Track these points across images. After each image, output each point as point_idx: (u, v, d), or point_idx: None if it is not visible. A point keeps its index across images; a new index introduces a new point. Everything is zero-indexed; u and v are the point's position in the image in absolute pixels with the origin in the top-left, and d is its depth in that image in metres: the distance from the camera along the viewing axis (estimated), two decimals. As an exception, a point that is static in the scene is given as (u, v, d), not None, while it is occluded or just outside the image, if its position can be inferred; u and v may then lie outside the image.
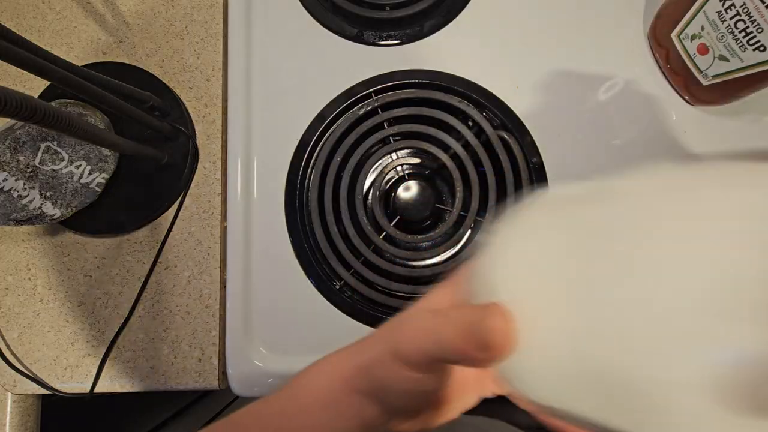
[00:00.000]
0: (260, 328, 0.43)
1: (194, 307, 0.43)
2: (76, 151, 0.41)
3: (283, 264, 0.44)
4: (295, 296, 0.44)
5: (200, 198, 0.45)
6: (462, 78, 0.46)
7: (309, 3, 0.47)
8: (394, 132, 0.45)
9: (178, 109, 0.45)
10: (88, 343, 0.43)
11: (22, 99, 0.24)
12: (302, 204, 0.45)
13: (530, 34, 0.46)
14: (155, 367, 0.42)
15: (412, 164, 0.47)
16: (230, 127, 0.45)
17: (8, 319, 0.43)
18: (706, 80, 0.41)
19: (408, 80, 0.46)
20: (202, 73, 0.46)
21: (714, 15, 0.38)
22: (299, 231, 0.44)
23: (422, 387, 0.20)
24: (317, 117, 0.45)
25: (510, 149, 0.44)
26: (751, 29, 0.35)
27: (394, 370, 0.20)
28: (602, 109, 0.45)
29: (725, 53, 0.38)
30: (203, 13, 0.47)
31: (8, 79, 0.46)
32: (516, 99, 0.45)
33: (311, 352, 0.28)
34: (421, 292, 0.43)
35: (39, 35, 0.47)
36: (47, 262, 0.44)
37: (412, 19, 0.47)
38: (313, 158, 0.45)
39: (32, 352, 0.43)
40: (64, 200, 0.41)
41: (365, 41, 0.47)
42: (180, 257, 0.44)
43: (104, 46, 0.47)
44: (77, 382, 0.42)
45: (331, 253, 0.43)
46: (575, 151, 0.45)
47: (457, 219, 0.43)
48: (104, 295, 0.43)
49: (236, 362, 0.42)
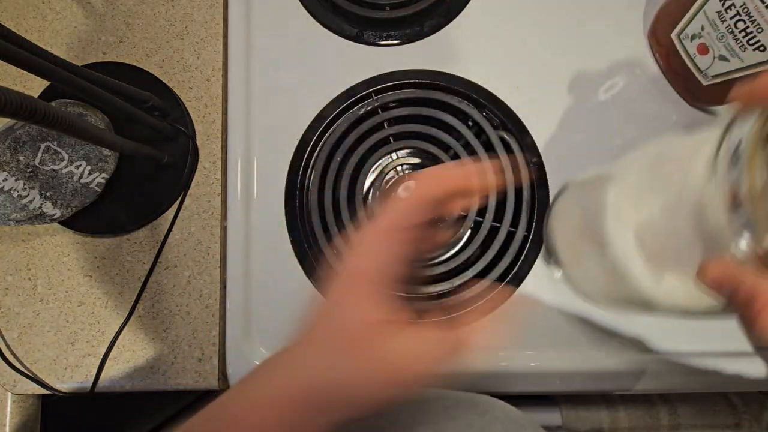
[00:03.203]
0: (260, 329, 0.43)
1: (194, 307, 0.43)
2: (76, 151, 0.41)
3: (283, 264, 0.44)
4: (295, 296, 0.44)
5: (200, 198, 0.45)
6: (462, 78, 0.46)
7: (309, 3, 0.47)
8: (394, 132, 0.45)
9: (178, 109, 0.45)
10: (88, 343, 0.43)
11: (22, 99, 0.24)
12: (302, 204, 0.45)
13: (530, 34, 0.46)
14: (155, 367, 0.42)
15: (412, 164, 0.47)
16: (230, 127, 0.45)
17: (8, 319, 0.43)
18: (706, 80, 0.41)
19: (408, 80, 0.46)
20: (202, 73, 0.46)
21: (714, 15, 0.38)
22: (299, 231, 0.44)
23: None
24: (317, 117, 0.45)
25: (510, 149, 0.44)
26: (751, 29, 0.35)
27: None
28: (602, 109, 0.45)
29: (725, 53, 0.38)
30: (203, 13, 0.47)
31: (8, 79, 0.46)
32: (516, 99, 0.45)
33: (311, 352, 0.28)
34: (421, 292, 0.43)
35: (39, 35, 0.47)
36: (47, 262, 0.44)
37: (412, 19, 0.47)
38: (313, 158, 0.45)
39: (32, 352, 0.43)
40: (64, 200, 0.41)
41: (365, 41, 0.47)
42: (180, 257, 0.44)
43: (104, 46, 0.47)
44: (77, 382, 0.42)
45: (331, 253, 0.43)
46: (575, 151, 0.45)
47: (457, 219, 0.43)
48: (104, 295, 0.43)
49: (236, 362, 0.42)
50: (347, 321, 0.22)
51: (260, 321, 0.43)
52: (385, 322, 0.22)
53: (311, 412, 0.22)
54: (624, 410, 0.46)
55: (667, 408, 0.47)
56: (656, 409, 0.46)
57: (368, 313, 0.22)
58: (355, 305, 0.22)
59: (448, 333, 0.22)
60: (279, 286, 0.44)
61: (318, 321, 0.23)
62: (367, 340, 0.21)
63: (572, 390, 0.42)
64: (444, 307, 0.42)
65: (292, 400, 0.22)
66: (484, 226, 0.43)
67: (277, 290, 0.44)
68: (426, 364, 0.22)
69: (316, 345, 0.23)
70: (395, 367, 0.21)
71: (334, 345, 0.22)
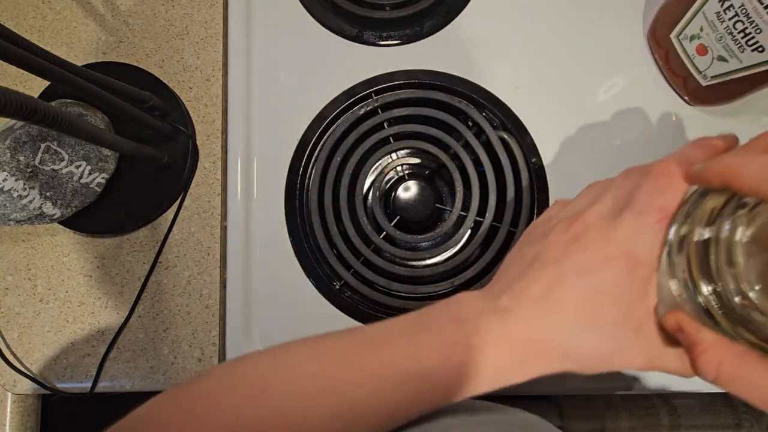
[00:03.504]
0: (260, 328, 0.43)
1: (194, 307, 0.43)
2: (76, 151, 0.41)
3: (283, 264, 0.44)
4: (295, 296, 0.44)
5: (200, 198, 0.45)
6: (462, 78, 0.46)
7: (309, 3, 0.47)
8: (394, 132, 0.45)
9: (178, 109, 0.45)
10: (88, 343, 0.43)
11: (22, 99, 0.24)
12: (302, 204, 0.45)
13: (530, 34, 0.46)
14: (155, 367, 0.42)
15: (412, 164, 0.47)
16: (230, 127, 0.45)
17: (8, 319, 0.43)
18: (705, 81, 0.41)
19: (408, 80, 0.46)
20: (202, 73, 0.46)
21: (713, 16, 0.38)
22: (299, 231, 0.44)
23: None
24: (317, 117, 0.45)
25: (510, 149, 0.44)
26: (750, 30, 0.35)
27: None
28: (602, 109, 0.45)
29: (724, 54, 0.38)
30: (203, 13, 0.47)
31: (8, 79, 0.46)
32: (516, 99, 0.45)
33: (311, 352, 0.28)
34: (421, 292, 0.43)
35: (39, 35, 0.47)
36: (47, 262, 0.44)
37: (412, 19, 0.47)
38: (313, 158, 0.45)
39: (32, 352, 0.43)
40: (64, 200, 0.41)
41: (365, 41, 0.47)
42: (180, 257, 0.44)
43: (104, 46, 0.47)
44: (77, 382, 0.42)
45: (331, 253, 0.43)
46: (575, 151, 0.45)
47: (457, 219, 0.43)
48: (104, 295, 0.43)
49: (236, 362, 0.42)
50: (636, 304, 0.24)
51: (260, 321, 0.43)
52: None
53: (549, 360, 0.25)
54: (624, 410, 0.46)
55: (667, 408, 0.47)
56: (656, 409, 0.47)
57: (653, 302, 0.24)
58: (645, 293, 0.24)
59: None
60: (279, 286, 0.44)
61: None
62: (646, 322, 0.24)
63: (572, 390, 0.42)
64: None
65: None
66: (484, 226, 0.43)
67: (277, 290, 0.44)
68: (664, 368, 0.25)
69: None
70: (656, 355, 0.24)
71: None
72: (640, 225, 0.24)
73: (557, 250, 0.26)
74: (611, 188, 0.27)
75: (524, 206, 0.44)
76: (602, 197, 0.27)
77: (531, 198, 0.44)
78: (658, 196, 0.24)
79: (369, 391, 0.24)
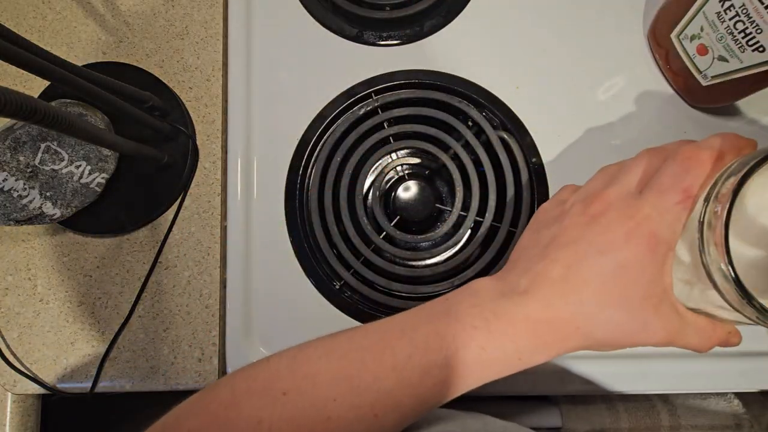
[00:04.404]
0: (260, 328, 0.43)
1: (194, 307, 0.43)
2: (76, 151, 0.41)
3: (283, 264, 0.44)
4: (295, 296, 0.44)
5: (200, 198, 0.45)
6: (462, 78, 0.46)
7: (309, 3, 0.47)
8: (394, 132, 0.45)
9: (178, 109, 0.45)
10: (88, 343, 0.43)
11: (22, 99, 0.24)
12: (302, 204, 0.45)
13: (530, 34, 0.46)
14: (155, 367, 0.42)
15: (412, 164, 0.47)
16: (230, 127, 0.45)
17: (8, 319, 0.43)
18: (706, 81, 0.41)
19: (408, 80, 0.46)
20: (202, 73, 0.46)
21: (713, 16, 0.38)
22: (299, 231, 0.44)
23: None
24: (317, 117, 0.45)
25: (510, 149, 0.44)
26: (750, 30, 0.35)
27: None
28: (602, 109, 0.45)
29: (724, 54, 0.38)
30: (203, 13, 0.47)
31: (8, 79, 0.46)
32: (516, 99, 0.45)
33: (311, 352, 0.27)
34: (421, 292, 0.43)
35: (39, 35, 0.47)
36: (47, 262, 0.44)
37: (412, 19, 0.47)
38: (313, 158, 0.45)
39: (32, 352, 0.43)
40: (64, 200, 0.41)
41: (365, 41, 0.47)
42: (180, 257, 0.44)
43: (104, 46, 0.47)
44: (77, 382, 0.42)
45: (331, 253, 0.43)
46: (575, 151, 0.45)
47: (457, 219, 0.43)
48: (104, 295, 0.43)
49: (236, 362, 0.42)
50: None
51: (260, 321, 0.43)
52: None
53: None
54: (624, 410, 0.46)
55: (667, 408, 0.47)
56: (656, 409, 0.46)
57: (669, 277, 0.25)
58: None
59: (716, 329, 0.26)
60: (279, 286, 0.44)
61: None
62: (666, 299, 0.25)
63: (572, 390, 0.42)
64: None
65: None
66: (484, 225, 0.43)
67: (277, 290, 0.44)
68: (689, 344, 0.26)
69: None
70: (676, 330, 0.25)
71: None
72: (665, 204, 0.24)
73: (575, 231, 0.26)
74: (630, 169, 0.27)
75: (524, 206, 0.44)
76: (620, 178, 0.27)
77: (531, 198, 0.44)
78: (685, 177, 0.24)
79: (391, 387, 0.24)
